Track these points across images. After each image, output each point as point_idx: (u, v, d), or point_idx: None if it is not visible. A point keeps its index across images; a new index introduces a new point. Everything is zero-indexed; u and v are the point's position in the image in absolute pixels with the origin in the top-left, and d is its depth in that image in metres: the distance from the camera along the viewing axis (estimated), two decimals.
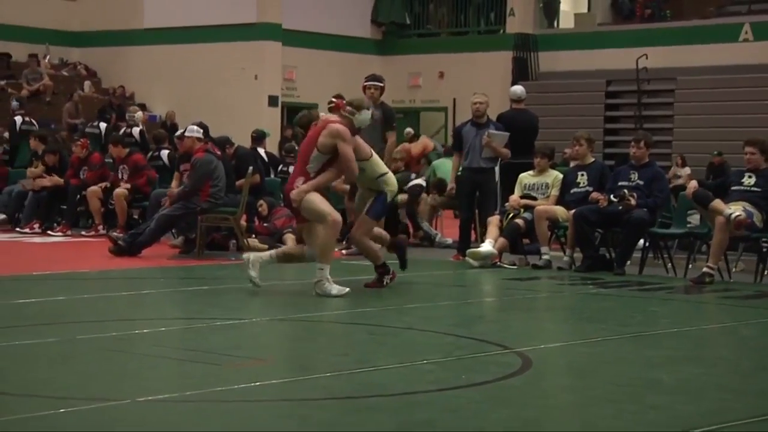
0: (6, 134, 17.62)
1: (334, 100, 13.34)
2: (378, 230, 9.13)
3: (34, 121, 17.37)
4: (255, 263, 8.46)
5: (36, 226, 14.32)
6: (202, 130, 11.94)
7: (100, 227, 13.93)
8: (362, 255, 9.30)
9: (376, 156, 9.00)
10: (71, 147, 15.59)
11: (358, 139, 8.79)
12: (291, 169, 11.26)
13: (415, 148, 19.50)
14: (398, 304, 8.46)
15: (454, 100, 25.59)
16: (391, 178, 8.95)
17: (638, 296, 9.32)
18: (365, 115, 8.82)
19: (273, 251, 8.79)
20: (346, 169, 8.54)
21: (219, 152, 11.99)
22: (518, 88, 13.14)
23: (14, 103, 18.23)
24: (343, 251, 12.12)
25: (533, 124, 12.75)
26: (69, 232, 14.09)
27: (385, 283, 9.02)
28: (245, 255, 8.65)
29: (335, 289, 8.33)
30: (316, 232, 8.44)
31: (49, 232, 14.14)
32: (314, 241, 8.48)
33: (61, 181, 14.43)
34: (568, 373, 6.01)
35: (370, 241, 8.97)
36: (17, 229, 14.42)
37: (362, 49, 26.34)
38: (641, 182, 10.63)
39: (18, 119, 17.05)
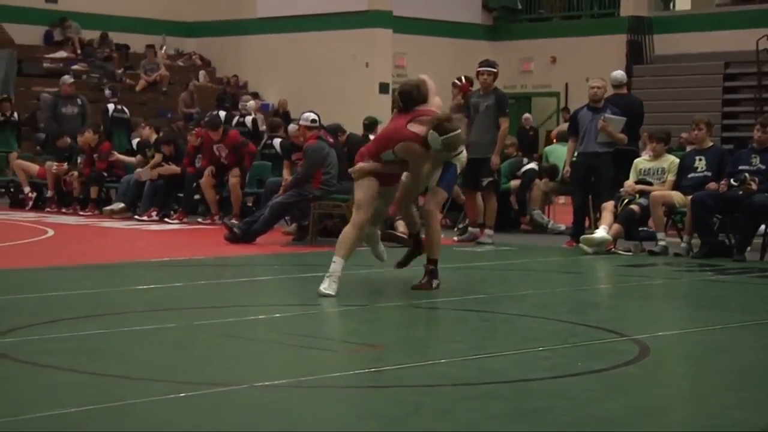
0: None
1: (463, 79, 13.21)
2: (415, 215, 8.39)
3: (126, 109, 17.73)
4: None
5: (154, 213, 14.63)
6: (313, 116, 12.00)
7: (216, 217, 14.11)
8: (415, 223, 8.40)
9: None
10: (186, 136, 15.88)
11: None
12: None
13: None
14: (511, 290, 8.40)
15: (567, 85, 25.29)
16: (464, 156, 8.33)
17: (759, 283, 9.07)
18: (436, 138, 7.74)
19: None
20: (417, 178, 8.09)
21: (331, 140, 12.07)
22: (618, 73, 12.86)
23: (107, 92, 18.65)
24: (455, 238, 12.12)
25: (638, 109, 12.41)
26: (185, 220, 14.35)
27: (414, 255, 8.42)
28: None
29: (333, 288, 7.50)
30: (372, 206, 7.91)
31: (166, 219, 14.43)
32: (374, 219, 8.03)
33: (178, 169, 14.69)
34: (687, 362, 5.89)
35: (417, 214, 8.35)
36: (135, 216, 14.75)
37: (473, 35, 26.21)
38: (763, 166, 10.36)
39: (110, 107, 17.41)
